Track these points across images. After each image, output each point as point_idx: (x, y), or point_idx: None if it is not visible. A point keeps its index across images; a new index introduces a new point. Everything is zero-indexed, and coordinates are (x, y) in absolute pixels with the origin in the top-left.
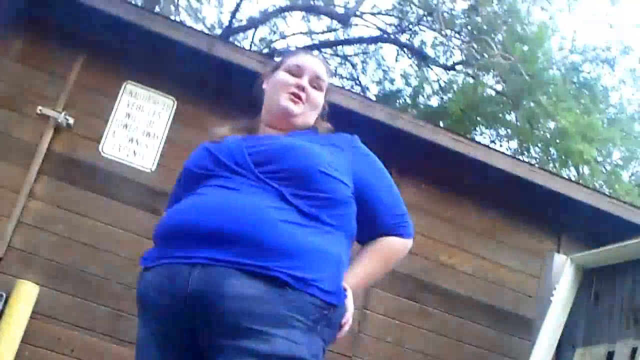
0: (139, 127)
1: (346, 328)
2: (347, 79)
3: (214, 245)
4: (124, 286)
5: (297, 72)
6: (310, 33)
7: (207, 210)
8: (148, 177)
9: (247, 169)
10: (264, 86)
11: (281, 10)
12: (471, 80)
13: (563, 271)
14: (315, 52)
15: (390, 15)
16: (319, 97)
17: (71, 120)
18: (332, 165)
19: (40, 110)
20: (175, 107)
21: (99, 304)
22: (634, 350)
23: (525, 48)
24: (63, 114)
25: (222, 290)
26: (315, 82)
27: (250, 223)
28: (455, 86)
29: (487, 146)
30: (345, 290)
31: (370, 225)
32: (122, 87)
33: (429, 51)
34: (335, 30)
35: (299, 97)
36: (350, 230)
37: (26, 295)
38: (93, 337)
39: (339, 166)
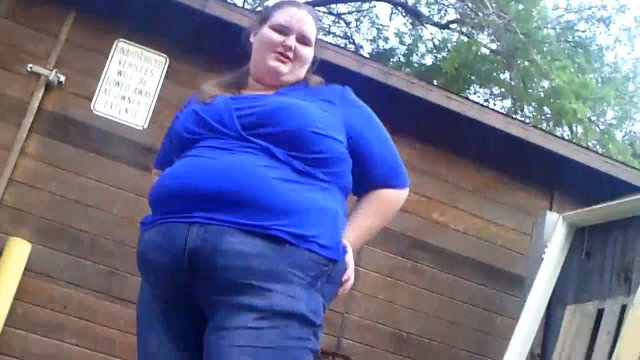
0: (131, 84)
1: (348, 285)
2: (341, 37)
3: (211, 206)
4: (117, 243)
5: (283, 30)
6: None
7: (202, 172)
8: (140, 135)
9: (236, 131)
10: (251, 39)
11: None
12: (465, 39)
13: (555, 229)
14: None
15: None
16: (308, 53)
17: (62, 78)
18: (325, 122)
19: (30, 67)
20: (167, 64)
21: (91, 261)
22: (624, 308)
23: (520, 7)
24: (54, 71)
25: (219, 247)
26: (303, 39)
27: (246, 182)
28: (449, 45)
29: (481, 104)
30: (344, 246)
31: (365, 178)
32: (114, 44)
33: (423, 9)
34: None
35: (287, 57)
36: (346, 185)
37: (18, 252)
38: (86, 294)
39: (331, 122)
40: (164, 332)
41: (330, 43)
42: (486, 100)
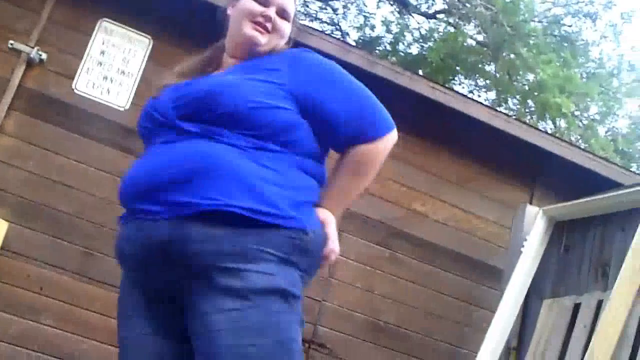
0: (113, 65)
1: (332, 257)
2: (328, 24)
3: (171, 197)
4: (95, 225)
5: (263, 2)
6: None
7: (155, 169)
8: (121, 116)
9: (175, 122)
10: (229, 11)
11: None
12: (452, 30)
13: (534, 223)
14: None
15: None
16: (286, 27)
17: (44, 56)
18: (263, 94)
19: (11, 44)
20: (150, 45)
21: (69, 242)
22: (600, 303)
23: None
24: (36, 49)
25: (188, 234)
26: (283, 13)
27: (200, 168)
28: (436, 35)
29: (465, 96)
30: (323, 218)
31: (335, 139)
32: (98, 24)
33: None
34: None
35: (265, 28)
36: (308, 150)
37: None
38: (62, 275)
39: (271, 91)
40: (143, 317)
41: (315, 29)
42: (471, 92)
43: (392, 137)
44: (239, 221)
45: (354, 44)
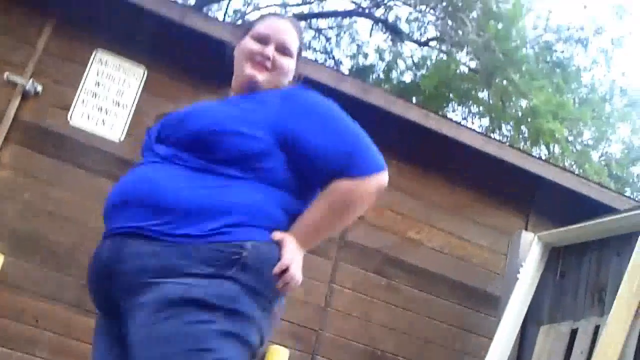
0: (108, 96)
1: (288, 278)
2: (321, 53)
3: (118, 218)
4: (91, 256)
5: (262, 40)
6: (284, 5)
7: (117, 191)
8: (117, 147)
9: (151, 145)
10: (235, 51)
11: None
12: (445, 57)
13: (530, 249)
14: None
15: None
16: (288, 63)
17: (39, 88)
18: (239, 120)
19: (7, 76)
20: (145, 76)
21: (65, 274)
22: (597, 328)
23: (500, 26)
24: (31, 80)
25: (122, 254)
26: (283, 49)
27: (142, 190)
28: (428, 62)
29: (458, 123)
30: (276, 235)
31: (317, 173)
32: (93, 55)
33: (404, 26)
34: (310, 2)
35: (265, 66)
36: (276, 177)
37: None
38: (59, 308)
39: (249, 121)
40: (106, 340)
41: (308, 59)
42: (464, 119)
43: (378, 179)
44: (169, 238)
45: (347, 72)
